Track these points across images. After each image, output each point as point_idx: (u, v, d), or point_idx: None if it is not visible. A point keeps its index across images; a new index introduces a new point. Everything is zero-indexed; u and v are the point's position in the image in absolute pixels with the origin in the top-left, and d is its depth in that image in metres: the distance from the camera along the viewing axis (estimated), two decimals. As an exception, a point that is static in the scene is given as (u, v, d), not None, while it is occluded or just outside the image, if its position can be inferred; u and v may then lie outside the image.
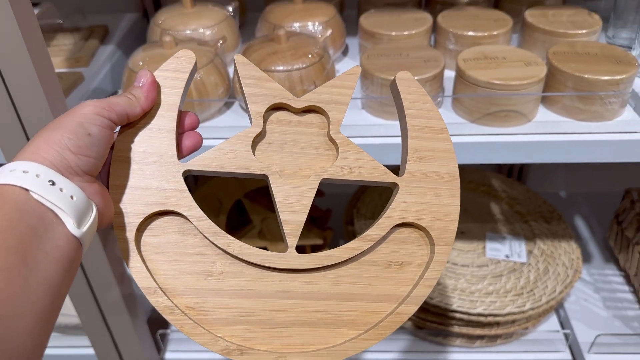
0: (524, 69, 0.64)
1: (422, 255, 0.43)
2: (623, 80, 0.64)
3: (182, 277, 0.40)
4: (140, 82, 0.40)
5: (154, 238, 0.40)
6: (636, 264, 0.91)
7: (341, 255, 0.41)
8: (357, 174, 0.42)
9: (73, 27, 0.87)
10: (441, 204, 0.43)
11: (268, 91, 0.43)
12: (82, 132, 0.35)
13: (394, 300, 0.42)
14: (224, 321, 0.40)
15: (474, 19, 0.76)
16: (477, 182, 1.07)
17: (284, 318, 0.41)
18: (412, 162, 0.43)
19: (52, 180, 0.33)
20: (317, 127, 0.44)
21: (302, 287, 0.42)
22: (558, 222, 0.97)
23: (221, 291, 0.41)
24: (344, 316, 0.42)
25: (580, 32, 0.74)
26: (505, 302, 0.82)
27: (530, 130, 0.65)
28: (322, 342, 0.41)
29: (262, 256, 0.41)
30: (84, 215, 0.34)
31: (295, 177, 0.43)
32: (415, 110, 0.43)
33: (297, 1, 0.79)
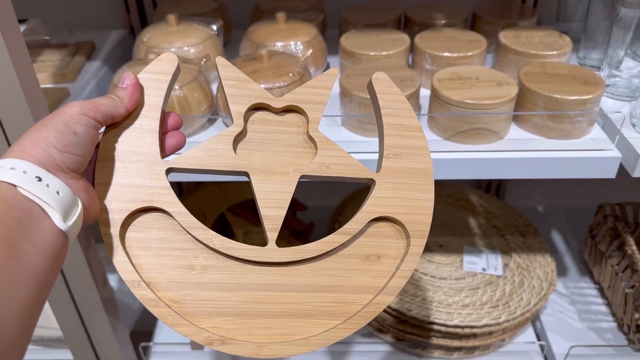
0: (496, 89, 0.67)
1: (398, 247, 0.45)
2: (590, 100, 0.67)
3: (165, 271, 0.42)
4: (125, 84, 0.42)
5: (138, 234, 0.42)
6: (609, 276, 0.94)
7: (320, 249, 0.43)
8: (335, 170, 0.44)
9: (60, 43, 0.89)
10: (416, 199, 0.44)
11: (249, 92, 0.44)
12: (68, 131, 0.37)
13: (371, 292, 0.44)
14: (207, 313, 0.42)
15: (450, 40, 0.79)
16: (455, 197, 1.09)
17: (265, 309, 0.42)
18: (388, 158, 0.44)
19: (39, 176, 0.34)
20: (296, 126, 0.45)
21: (282, 279, 0.43)
22: (533, 236, 1.00)
23: (203, 284, 0.42)
24: (323, 307, 0.43)
25: (551, 53, 0.77)
26: (482, 314, 0.84)
27: (501, 147, 0.67)
28: (302, 332, 0.43)
29: (243, 250, 0.42)
30: (69, 210, 0.36)
31: (276, 174, 0.44)
32: (390, 109, 0.45)
33: (280, 21, 0.81)
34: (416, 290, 0.89)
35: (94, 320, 0.79)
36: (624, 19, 0.74)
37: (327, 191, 1.09)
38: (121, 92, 0.41)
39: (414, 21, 0.88)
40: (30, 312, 0.32)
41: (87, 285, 0.74)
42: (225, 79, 0.44)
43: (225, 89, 0.44)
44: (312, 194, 1.09)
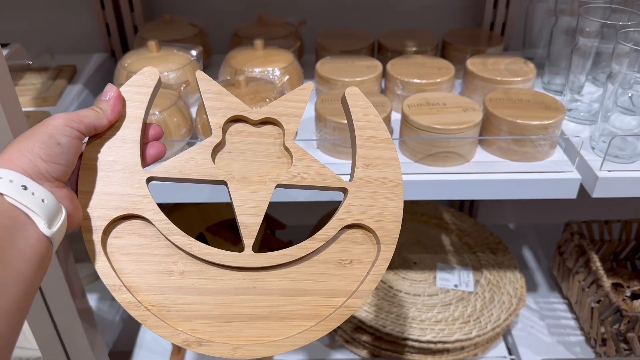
0: (462, 115, 0.70)
1: (369, 253, 0.47)
2: (551, 124, 0.71)
3: (145, 276, 0.44)
4: (107, 96, 0.44)
5: (119, 240, 0.44)
6: (576, 292, 0.97)
7: (294, 254, 0.45)
8: (309, 179, 0.46)
9: (41, 66, 0.91)
10: (386, 207, 0.47)
11: (227, 104, 0.46)
12: (52, 141, 0.39)
13: (343, 295, 0.46)
14: (185, 316, 0.44)
15: (420, 67, 0.83)
16: (429, 215, 1.13)
17: (241, 313, 0.44)
18: (360, 169, 0.47)
19: (25, 185, 0.36)
20: (273, 137, 0.47)
21: (258, 284, 0.45)
22: (504, 253, 1.03)
23: (182, 288, 0.44)
24: (297, 310, 0.45)
25: (516, 79, 0.81)
26: (454, 329, 0.87)
27: (468, 169, 0.71)
28: (276, 334, 0.45)
29: (221, 255, 0.44)
30: (54, 217, 0.38)
31: (253, 183, 0.46)
32: (363, 122, 0.47)
33: (258, 47, 0.84)
34: (391, 307, 0.91)
35: (72, 340, 0.79)
36: (582, 48, 0.79)
37: (305, 210, 1.11)
38: (104, 104, 0.43)
39: (387, 48, 0.91)
40: (16, 314, 0.34)
41: (66, 305, 0.75)
42: (205, 92, 0.46)
43: (205, 102, 0.46)
44: (290, 213, 1.11)
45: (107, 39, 1.01)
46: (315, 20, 1.03)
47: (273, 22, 0.97)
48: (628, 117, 0.71)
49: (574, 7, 0.82)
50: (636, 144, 0.71)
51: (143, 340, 1.00)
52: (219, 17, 1.04)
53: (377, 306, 0.91)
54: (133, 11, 0.99)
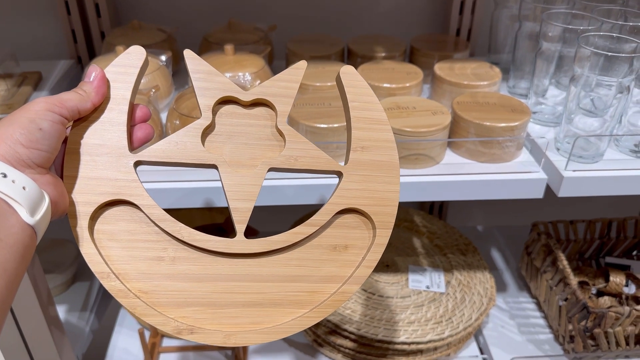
0: (431, 118, 0.72)
1: (365, 238, 0.46)
2: (517, 126, 0.73)
3: (134, 262, 0.42)
4: (91, 78, 0.42)
5: (107, 226, 0.42)
6: (544, 291, 1.00)
7: (288, 240, 0.44)
8: (302, 162, 0.45)
9: (6, 73, 0.89)
10: (382, 190, 0.45)
11: (217, 85, 0.44)
12: (33, 127, 0.37)
13: (337, 281, 0.45)
14: (176, 303, 0.42)
15: (390, 72, 0.84)
16: (400, 218, 1.14)
17: (234, 299, 0.43)
18: (356, 151, 0.45)
19: (4, 172, 0.35)
20: (264, 119, 0.45)
21: (251, 270, 0.44)
22: (473, 254, 1.05)
23: (173, 275, 0.43)
24: (291, 297, 0.44)
25: (482, 83, 0.83)
26: (426, 330, 0.88)
27: (438, 171, 0.72)
28: (269, 321, 0.44)
29: (212, 242, 0.43)
30: (36, 205, 0.37)
31: (244, 167, 0.45)
32: (358, 102, 0.45)
33: (228, 53, 0.84)
34: (365, 310, 0.92)
35: (40, 351, 0.78)
36: (546, 52, 0.81)
37: (278, 215, 1.11)
38: (87, 86, 0.42)
39: (357, 53, 0.93)
40: None
41: (34, 315, 0.73)
42: (194, 72, 0.44)
43: (194, 82, 0.44)
44: (263, 219, 1.11)
45: (74, 45, 1.00)
46: (286, 25, 1.03)
47: (243, 28, 0.97)
48: (590, 119, 0.73)
49: (536, 12, 0.85)
50: (598, 145, 0.74)
51: (114, 351, 0.98)
52: (188, 22, 1.03)
53: (351, 309, 0.92)
54: (100, 17, 0.98)
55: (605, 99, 0.71)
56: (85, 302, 1.02)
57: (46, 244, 1.08)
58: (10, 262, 0.34)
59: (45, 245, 1.07)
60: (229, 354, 0.98)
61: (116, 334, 1.02)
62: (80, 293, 1.04)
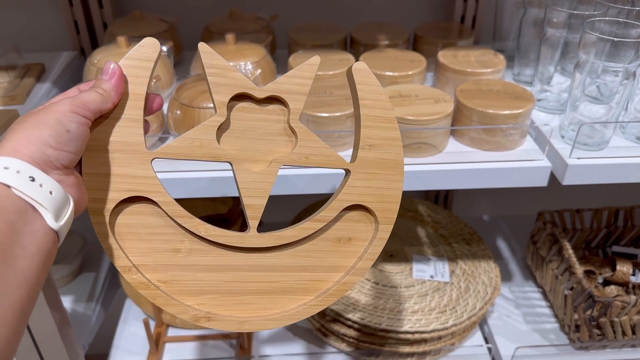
0: (434, 106, 0.71)
1: (368, 231, 0.48)
2: (521, 114, 0.72)
3: (153, 254, 0.45)
4: (108, 75, 0.42)
5: (126, 221, 0.44)
6: (550, 280, 0.99)
7: (297, 235, 0.47)
8: (313, 160, 0.46)
9: (8, 65, 0.89)
10: (386, 187, 0.47)
11: (232, 81, 0.44)
12: (61, 128, 0.37)
13: (341, 271, 0.48)
14: (192, 292, 0.45)
15: (392, 60, 0.83)
16: (404, 208, 1.13)
17: (246, 288, 0.46)
18: (364, 149, 0.47)
19: (32, 176, 0.35)
20: (277, 115, 0.46)
21: (262, 261, 0.47)
22: (478, 244, 1.05)
23: (189, 266, 0.45)
24: (298, 285, 0.47)
25: (486, 70, 0.82)
26: (430, 319, 0.88)
27: (441, 160, 0.72)
28: (279, 307, 0.47)
29: (227, 237, 0.45)
30: (62, 209, 0.37)
31: (257, 163, 0.46)
32: (368, 100, 0.46)
33: (230, 42, 0.84)
34: (368, 299, 0.92)
35: (47, 342, 0.78)
36: (551, 39, 0.80)
37: (282, 206, 1.11)
38: (106, 84, 0.41)
39: (359, 42, 0.92)
40: (19, 316, 0.33)
41: (41, 308, 0.74)
42: (208, 67, 0.44)
43: (208, 78, 0.44)
44: (267, 209, 1.11)
45: (76, 36, 0.99)
46: (287, 14, 1.02)
47: (244, 17, 0.96)
48: (596, 106, 0.72)
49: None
50: (604, 132, 0.73)
51: (119, 341, 0.99)
52: (190, 12, 1.03)
53: (355, 299, 0.92)
54: (102, 8, 0.97)
55: (611, 86, 0.70)
56: (92, 292, 1.03)
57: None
58: (32, 270, 0.34)
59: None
60: (233, 343, 0.98)
61: (122, 323, 1.03)
62: (86, 283, 1.05)
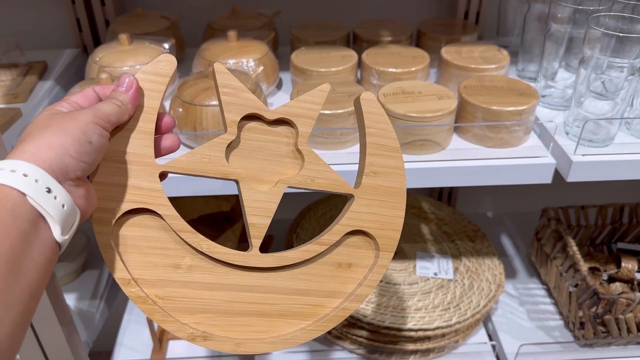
0: (437, 102, 0.71)
1: (368, 257, 0.49)
2: (525, 110, 0.71)
3: (153, 269, 0.44)
4: (124, 87, 0.42)
5: (129, 233, 0.44)
6: (554, 277, 0.99)
7: (299, 257, 0.47)
8: (319, 184, 0.47)
9: (11, 63, 0.89)
10: (389, 215, 0.48)
11: (244, 101, 0.46)
12: (84, 139, 0.37)
13: (340, 297, 0.48)
14: (190, 310, 0.45)
15: (395, 57, 0.83)
16: (408, 205, 1.12)
17: (244, 309, 0.46)
18: (368, 176, 0.48)
19: (49, 187, 0.35)
20: (285, 137, 0.48)
21: (262, 282, 0.47)
22: (482, 241, 1.04)
23: (189, 283, 0.45)
24: (296, 309, 0.47)
25: (490, 67, 0.82)
26: (434, 317, 0.88)
27: (444, 157, 0.71)
28: (276, 331, 0.47)
29: (229, 254, 0.45)
30: (69, 223, 0.37)
31: (263, 183, 0.47)
32: (374, 129, 0.48)
33: (232, 39, 0.84)
34: (371, 297, 0.92)
35: (51, 341, 0.78)
36: (555, 34, 0.79)
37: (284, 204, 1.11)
38: (123, 97, 0.42)
39: (362, 38, 0.91)
40: (20, 327, 0.33)
41: (44, 307, 0.74)
42: (222, 87, 0.45)
43: (222, 97, 0.45)
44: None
45: (79, 34, 0.99)
46: (290, 11, 1.02)
47: (247, 14, 0.96)
48: (601, 102, 0.72)
49: (546, -7, 0.83)
50: (609, 128, 0.72)
51: (123, 339, 0.99)
52: (192, 9, 1.02)
53: (358, 296, 0.91)
54: (104, 5, 0.97)
55: (617, 81, 0.69)
56: (95, 290, 1.03)
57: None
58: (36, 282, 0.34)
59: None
60: (237, 341, 0.98)
61: (126, 321, 1.03)
62: (90, 281, 1.05)
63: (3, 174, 0.34)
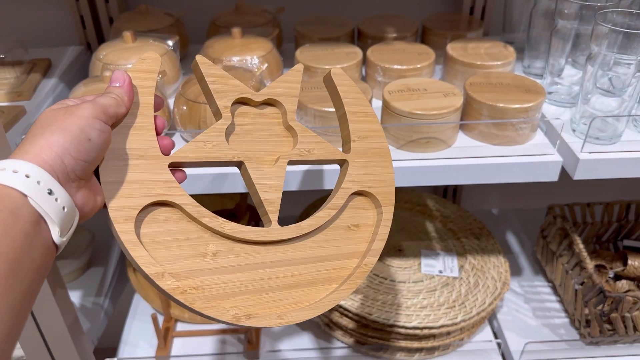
0: (443, 100, 0.70)
1: (372, 216, 0.52)
2: (532, 107, 0.71)
3: (181, 261, 0.44)
4: (119, 83, 0.42)
5: (150, 229, 0.43)
6: (560, 274, 0.98)
7: (315, 224, 0.49)
8: (315, 154, 0.50)
9: (15, 60, 0.89)
10: (380, 173, 0.52)
11: (232, 87, 0.48)
12: (83, 137, 0.37)
13: (357, 256, 0.51)
14: (225, 295, 0.45)
15: (400, 53, 0.82)
16: (413, 202, 1.13)
17: (274, 284, 0.47)
18: (355, 141, 0.52)
19: (51, 189, 0.35)
20: (274, 118, 0.51)
21: (284, 255, 0.48)
22: (487, 238, 1.04)
23: (217, 269, 0.45)
24: (322, 275, 0.49)
25: (496, 63, 0.81)
26: (439, 315, 0.87)
27: (450, 155, 0.71)
28: (309, 299, 0.48)
29: (252, 232, 0.46)
30: (68, 225, 0.37)
31: (264, 162, 0.49)
32: (350, 99, 0.52)
33: (236, 36, 0.83)
34: (376, 295, 0.91)
35: (56, 338, 0.78)
36: (562, 30, 0.78)
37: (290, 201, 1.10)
38: (118, 90, 0.42)
39: (367, 35, 0.91)
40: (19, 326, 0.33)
41: (48, 304, 0.74)
42: (208, 76, 0.47)
43: (210, 85, 0.47)
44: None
45: (82, 31, 0.99)
46: (294, 7, 1.01)
47: (251, 10, 0.95)
48: (608, 99, 0.71)
49: (552, -11, 0.82)
50: (616, 126, 0.71)
51: (128, 336, 0.99)
52: (196, 6, 1.02)
53: (363, 294, 0.91)
54: (108, 2, 0.97)
55: (624, 78, 0.69)
56: (100, 287, 1.03)
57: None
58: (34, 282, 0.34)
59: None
60: (242, 338, 0.98)
61: (130, 318, 1.03)
62: (95, 278, 1.05)
63: (5, 175, 0.34)
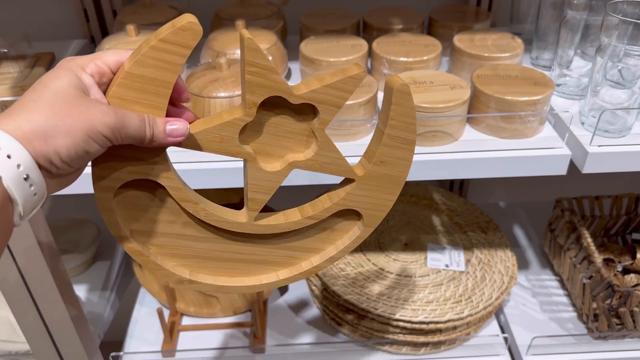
0: (449, 92, 0.69)
1: (351, 225, 0.53)
2: (540, 100, 0.70)
3: (150, 223, 0.47)
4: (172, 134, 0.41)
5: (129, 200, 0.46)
6: (568, 268, 0.97)
7: (290, 227, 0.50)
8: (326, 168, 0.48)
9: (19, 54, 0.88)
10: (382, 198, 0.51)
11: (270, 83, 0.42)
12: (82, 148, 0.36)
13: (317, 253, 0.54)
14: (180, 255, 0.50)
15: (406, 45, 0.81)
16: (419, 196, 1.12)
17: (230, 257, 0.51)
18: (376, 164, 0.49)
19: (28, 175, 0.34)
20: (304, 120, 0.46)
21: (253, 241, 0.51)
22: (494, 232, 1.03)
23: (182, 235, 0.49)
24: (277, 259, 0.53)
25: (503, 55, 0.80)
26: (445, 309, 0.87)
27: (456, 148, 0.70)
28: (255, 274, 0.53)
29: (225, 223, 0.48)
30: (32, 209, 0.36)
31: (272, 158, 0.47)
32: (396, 121, 0.47)
33: (240, 28, 0.82)
34: (382, 289, 0.91)
35: (62, 333, 0.78)
36: (571, 21, 0.77)
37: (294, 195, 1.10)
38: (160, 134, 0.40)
39: (372, 26, 0.90)
40: None
41: (53, 299, 0.74)
42: (249, 65, 0.41)
43: (247, 75, 0.42)
44: (280, 198, 1.10)
45: (86, 24, 0.99)
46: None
47: (255, 3, 0.94)
48: (618, 91, 0.70)
49: (561, -21, 0.81)
50: (626, 118, 0.70)
51: (134, 330, 0.99)
52: (200, -2, 1.01)
53: (369, 288, 0.91)
54: (111, -5, 0.96)
55: (634, 70, 0.67)
56: (106, 281, 1.03)
57: (66, 224, 1.08)
58: None
59: (65, 226, 1.08)
60: (247, 332, 0.98)
61: (136, 312, 1.03)
62: (100, 272, 1.05)
63: None
